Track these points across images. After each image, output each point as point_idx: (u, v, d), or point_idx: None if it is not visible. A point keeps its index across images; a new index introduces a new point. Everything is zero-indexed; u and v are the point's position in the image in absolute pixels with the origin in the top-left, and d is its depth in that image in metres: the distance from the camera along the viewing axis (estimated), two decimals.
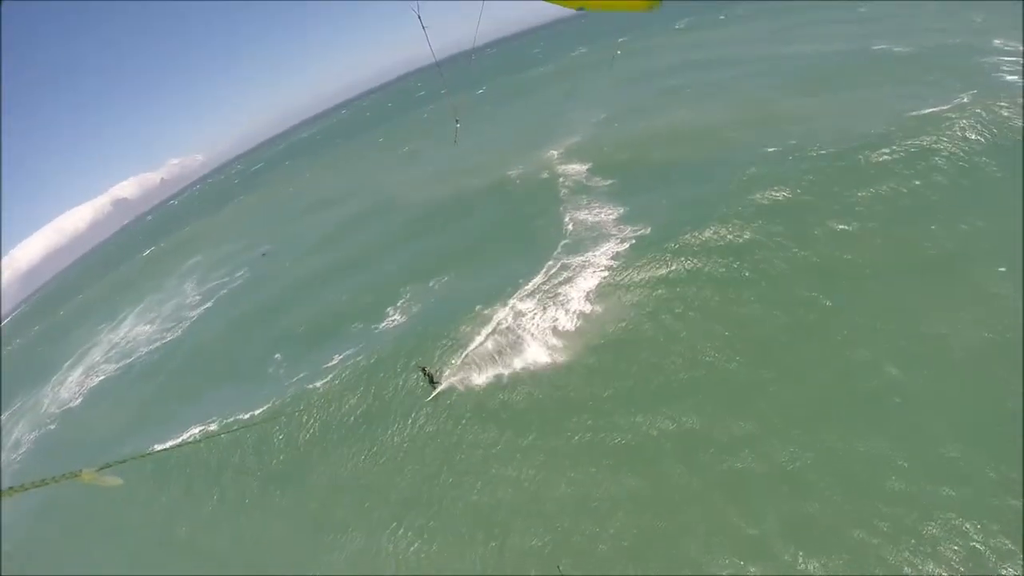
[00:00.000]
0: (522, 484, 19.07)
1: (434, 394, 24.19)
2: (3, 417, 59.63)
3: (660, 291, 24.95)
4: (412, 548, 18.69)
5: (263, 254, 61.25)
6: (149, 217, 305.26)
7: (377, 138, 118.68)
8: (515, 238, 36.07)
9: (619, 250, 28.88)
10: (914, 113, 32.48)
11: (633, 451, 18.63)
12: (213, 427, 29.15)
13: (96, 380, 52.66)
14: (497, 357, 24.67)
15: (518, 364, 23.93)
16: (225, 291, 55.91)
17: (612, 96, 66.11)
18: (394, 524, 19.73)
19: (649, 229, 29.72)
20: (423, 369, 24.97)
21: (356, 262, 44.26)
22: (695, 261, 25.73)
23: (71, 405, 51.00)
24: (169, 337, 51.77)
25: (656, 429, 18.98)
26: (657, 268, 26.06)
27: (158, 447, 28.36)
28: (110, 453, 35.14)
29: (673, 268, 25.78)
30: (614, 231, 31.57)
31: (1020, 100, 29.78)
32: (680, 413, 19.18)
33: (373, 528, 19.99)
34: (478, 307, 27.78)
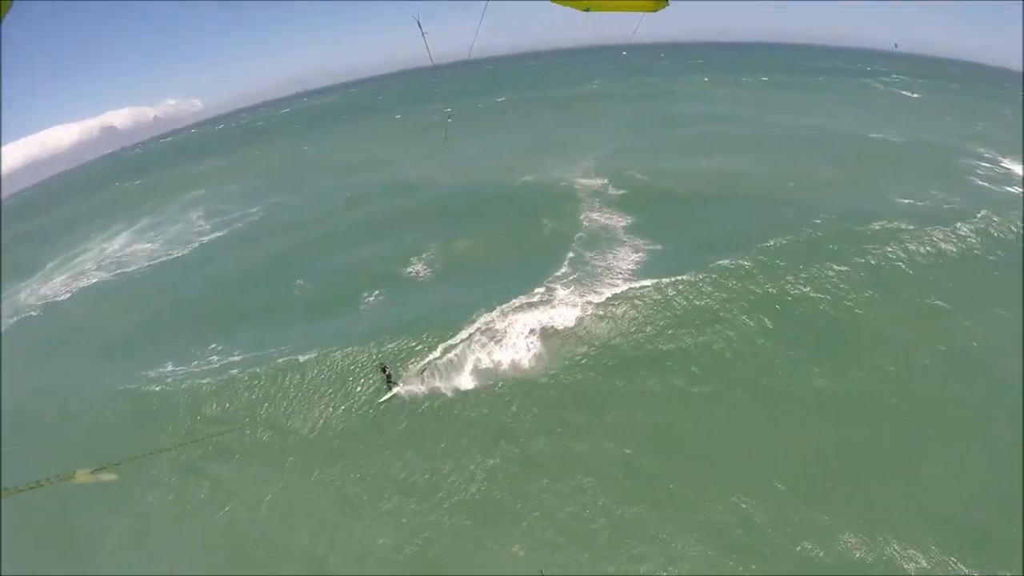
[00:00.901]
0: None
1: (387, 396, 24.20)
2: None
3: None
4: None
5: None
6: (137, 150, 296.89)
7: (394, 115, 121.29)
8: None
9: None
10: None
11: None
12: (237, 358, 29.38)
13: (88, 282, 53.04)
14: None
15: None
16: (240, 224, 57.16)
17: (628, 131, 70.76)
18: None
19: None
20: (383, 368, 24.53)
21: (377, 228, 46.05)
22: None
23: (58, 299, 51.28)
24: (176, 254, 52.86)
25: None
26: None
27: (158, 448, 25.08)
28: (115, 346, 36.19)
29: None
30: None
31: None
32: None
33: None
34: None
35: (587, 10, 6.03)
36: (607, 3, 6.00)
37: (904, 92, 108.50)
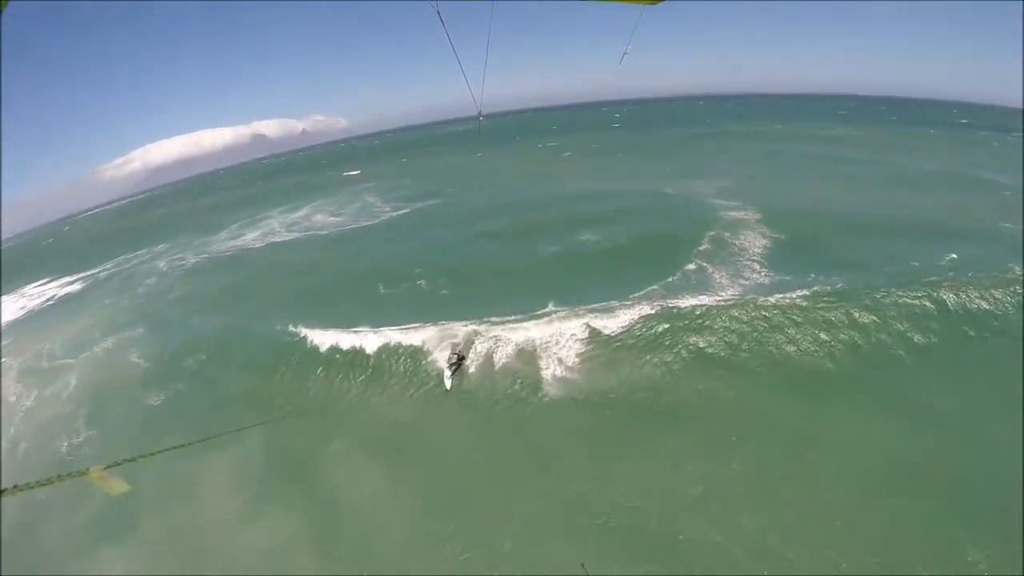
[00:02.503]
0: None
1: (451, 385, 23.10)
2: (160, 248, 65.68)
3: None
4: None
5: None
6: (285, 158, 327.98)
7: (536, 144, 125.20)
8: None
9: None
10: None
11: None
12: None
13: (279, 239, 57.09)
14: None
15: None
16: (421, 204, 59.84)
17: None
18: None
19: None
20: (459, 356, 23.71)
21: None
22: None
23: (253, 247, 55.64)
24: (365, 222, 55.92)
25: None
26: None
27: (176, 443, 26.78)
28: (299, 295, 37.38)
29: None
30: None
31: None
32: None
33: None
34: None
35: None
36: None
37: None
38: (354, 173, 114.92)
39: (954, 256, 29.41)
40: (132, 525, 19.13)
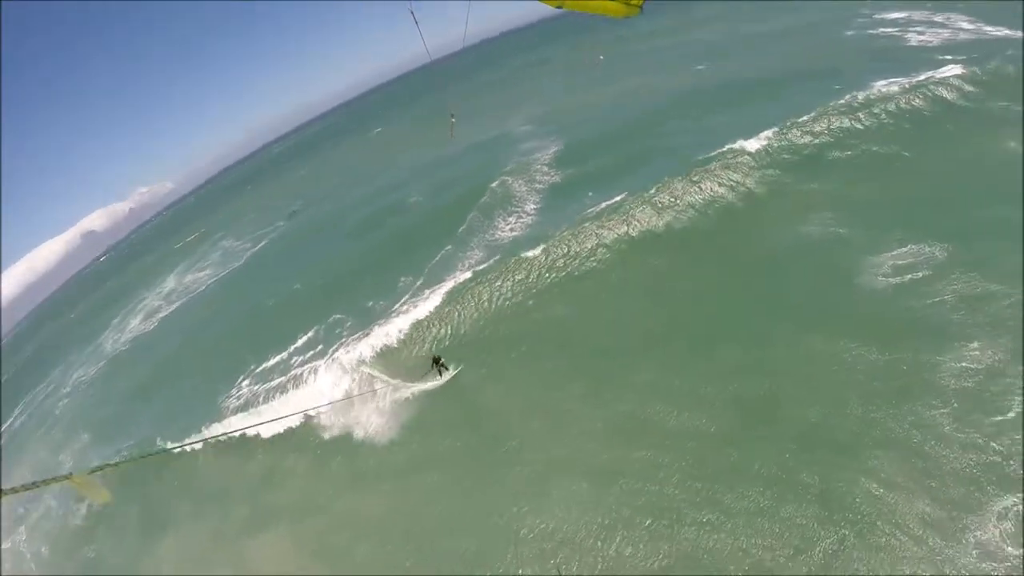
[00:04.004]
0: None
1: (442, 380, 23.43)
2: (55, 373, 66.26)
3: None
4: None
5: (292, 212, 68.83)
6: (123, 246, 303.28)
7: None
8: None
9: None
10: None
11: None
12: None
13: (166, 312, 60.63)
14: None
15: None
16: (275, 233, 65.61)
17: None
18: None
19: None
20: (437, 360, 23.50)
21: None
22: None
23: (145, 332, 58.95)
24: (234, 265, 61.18)
25: None
26: None
27: (167, 445, 27.55)
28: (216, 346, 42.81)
29: None
30: None
31: None
32: None
33: None
34: None
35: (559, 7, 6.41)
36: (579, 3, 6.30)
37: None
38: (199, 231, 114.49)
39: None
40: None
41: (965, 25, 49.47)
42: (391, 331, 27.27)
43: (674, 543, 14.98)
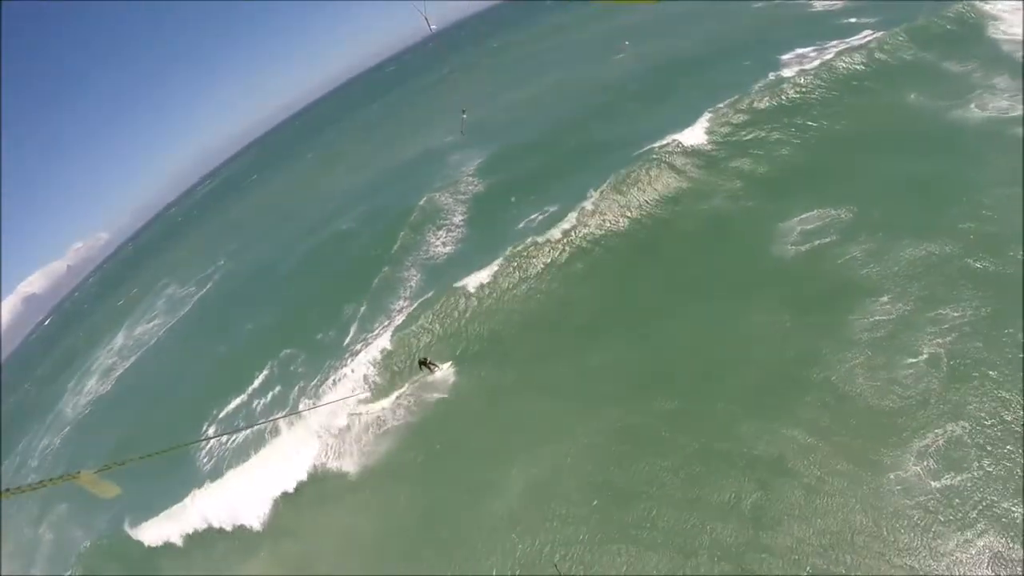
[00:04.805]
0: None
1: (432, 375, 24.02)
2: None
3: None
4: None
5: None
6: (65, 307, 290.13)
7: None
8: None
9: None
10: None
11: None
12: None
13: (121, 370, 60.74)
14: None
15: None
16: (218, 275, 66.11)
17: None
18: None
19: None
20: (424, 361, 23.96)
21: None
22: None
23: (101, 393, 58.80)
24: (181, 313, 61.66)
25: None
26: None
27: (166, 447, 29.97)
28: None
29: None
30: None
31: None
32: None
33: None
34: None
35: None
36: None
37: None
38: (139, 282, 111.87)
39: None
40: None
41: None
42: (348, 372, 27.51)
43: (621, 527, 15.62)
